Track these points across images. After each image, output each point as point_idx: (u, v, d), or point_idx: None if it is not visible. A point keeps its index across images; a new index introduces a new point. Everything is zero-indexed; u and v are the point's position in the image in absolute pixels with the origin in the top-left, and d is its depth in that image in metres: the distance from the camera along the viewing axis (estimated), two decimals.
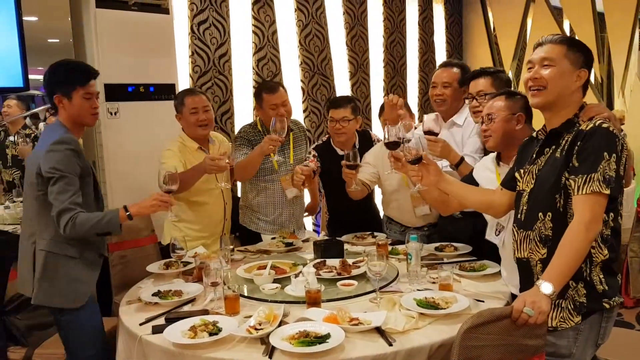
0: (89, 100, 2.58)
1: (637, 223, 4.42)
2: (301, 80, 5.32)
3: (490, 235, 2.61)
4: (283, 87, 3.49)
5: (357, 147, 3.49)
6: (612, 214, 2.00)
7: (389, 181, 3.37)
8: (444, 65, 3.35)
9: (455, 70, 3.22)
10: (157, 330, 2.13)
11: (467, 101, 3.15)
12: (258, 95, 3.45)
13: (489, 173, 2.70)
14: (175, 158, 3.16)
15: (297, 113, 5.14)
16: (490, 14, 7.04)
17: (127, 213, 2.49)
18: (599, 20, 6.26)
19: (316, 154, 3.57)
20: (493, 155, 2.72)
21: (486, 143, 2.64)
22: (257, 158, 3.24)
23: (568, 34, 6.80)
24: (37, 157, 2.49)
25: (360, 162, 3.15)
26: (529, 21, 6.85)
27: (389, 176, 3.31)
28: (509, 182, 2.32)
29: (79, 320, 2.55)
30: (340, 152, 3.51)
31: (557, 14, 6.62)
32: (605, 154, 1.91)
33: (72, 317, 2.54)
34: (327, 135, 3.73)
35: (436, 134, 2.74)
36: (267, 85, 3.48)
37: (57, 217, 2.40)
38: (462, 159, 2.89)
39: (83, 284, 2.56)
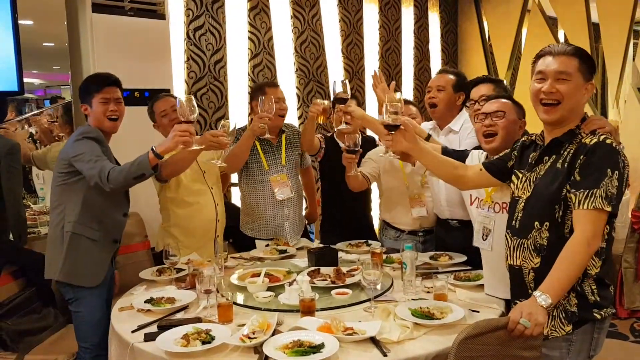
0: (104, 105, 2.77)
1: (631, 234, 4.43)
2: (296, 87, 5.32)
3: (477, 241, 2.57)
4: None
5: (360, 144, 3.52)
6: (607, 226, 1.99)
7: (387, 179, 3.40)
8: (440, 71, 3.38)
9: (451, 76, 3.24)
10: (150, 338, 2.11)
11: (465, 108, 3.15)
12: (260, 89, 3.49)
13: None
14: None
15: (292, 119, 5.14)
16: (485, 23, 7.07)
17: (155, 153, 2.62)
18: (594, 30, 6.29)
19: (323, 137, 3.66)
20: (485, 154, 2.65)
21: (489, 143, 2.50)
22: (247, 141, 3.28)
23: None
24: (67, 148, 2.72)
25: (362, 162, 3.35)
26: (524, 31, 6.88)
27: (388, 174, 3.39)
28: (492, 167, 2.32)
29: (91, 299, 2.74)
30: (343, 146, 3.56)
31: (552, 24, 6.65)
32: (609, 170, 1.90)
33: (83, 304, 2.73)
34: (329, 133, 3.80)
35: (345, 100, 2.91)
36: (269, 82, 3.89)
37: (98, 179, 2.57)
38: (429, 136, 2.94)
39: (99, 266, 2.78)
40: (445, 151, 2.68)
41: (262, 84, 3.61)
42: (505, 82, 3.04)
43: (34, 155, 3.96)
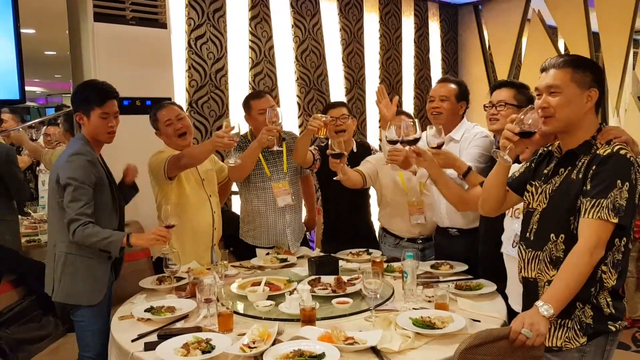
0: (104, 120, 2.73)
1: (632, 243, 4.42)
2: (297, 96, 5.33)
3: (506, 248, 2.53)
4: (270, 95, 3.60)
5: (355, 151, 3.55)
6: (624, 239, 1.97)
7: (385, 182, 3.40)
8: (442, 80, 3.36)
9: (453, 86, 3.23)
10: (150, 347, 2.11)
11: (468, 115, 3.16)
12: (246, 104, 3.54)
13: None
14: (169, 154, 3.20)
15: (293, 128, 5.14)
16: (485, 32, 7.09)
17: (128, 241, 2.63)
18: (594, 40, 6.30)
19: (317, 148, 3.65)
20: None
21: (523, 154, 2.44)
22: (254, 152, 3.27)
23: (563, 53, 6.84)
24: (58, 166, 2.68)
25: (361, 163, 3.39)
26: (524, 40, 6.89)
27: (386, 177, 3.40)
28: (519, 185, 2.25)
29: (91, 317, 2.72)
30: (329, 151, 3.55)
31: (552, 33, 6.67)
32: (619, 181, 1.88)
33: (86, 314, 2.71)
34: (324, 142, 3.77)
35: (440, 146, 2.66)
36: (254, 93, 3.72)
37: (67, 224, 2.58)
38: (470, 168, 2.79)
39: (98, 283, 2.73)
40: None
41: (247, 98, 3.59)
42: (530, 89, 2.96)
43: (44, 154, 4.07)
